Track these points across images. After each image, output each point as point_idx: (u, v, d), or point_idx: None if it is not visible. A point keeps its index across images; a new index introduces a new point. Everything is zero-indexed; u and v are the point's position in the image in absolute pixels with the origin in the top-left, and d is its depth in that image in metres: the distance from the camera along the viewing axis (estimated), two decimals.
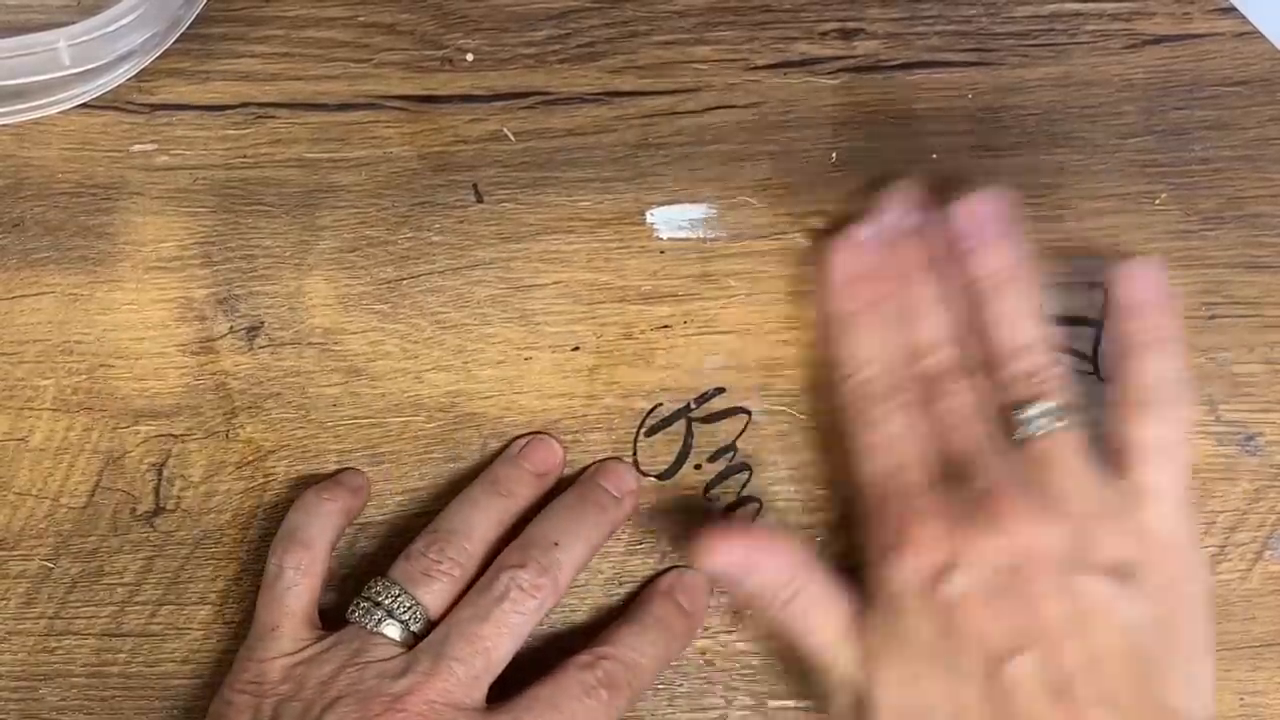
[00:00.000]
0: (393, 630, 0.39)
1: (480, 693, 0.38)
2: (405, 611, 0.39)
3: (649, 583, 0.42)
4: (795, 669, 0.41)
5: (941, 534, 0.37)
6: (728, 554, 0.39)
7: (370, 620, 0.39)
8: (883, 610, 0.38)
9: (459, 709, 0.37)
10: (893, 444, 0.39)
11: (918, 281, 0.41)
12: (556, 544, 0.40)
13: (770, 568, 0.39)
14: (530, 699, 0.38)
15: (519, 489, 0.42)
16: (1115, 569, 0.37)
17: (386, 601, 0.39)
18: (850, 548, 0.43)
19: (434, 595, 0.40)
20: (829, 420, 0.42)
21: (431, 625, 0.39)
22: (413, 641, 0.39)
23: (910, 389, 0.40)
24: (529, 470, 0.42)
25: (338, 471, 0.43)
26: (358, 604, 0.40)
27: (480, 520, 0.41)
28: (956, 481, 0.38)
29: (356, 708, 0.37)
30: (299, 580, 0.40)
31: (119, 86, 0.44)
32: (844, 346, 0.41)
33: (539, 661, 0.40)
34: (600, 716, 0.39)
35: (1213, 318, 0.44)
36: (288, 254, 0.44)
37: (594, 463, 0.43)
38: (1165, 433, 0.39)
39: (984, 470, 0.38)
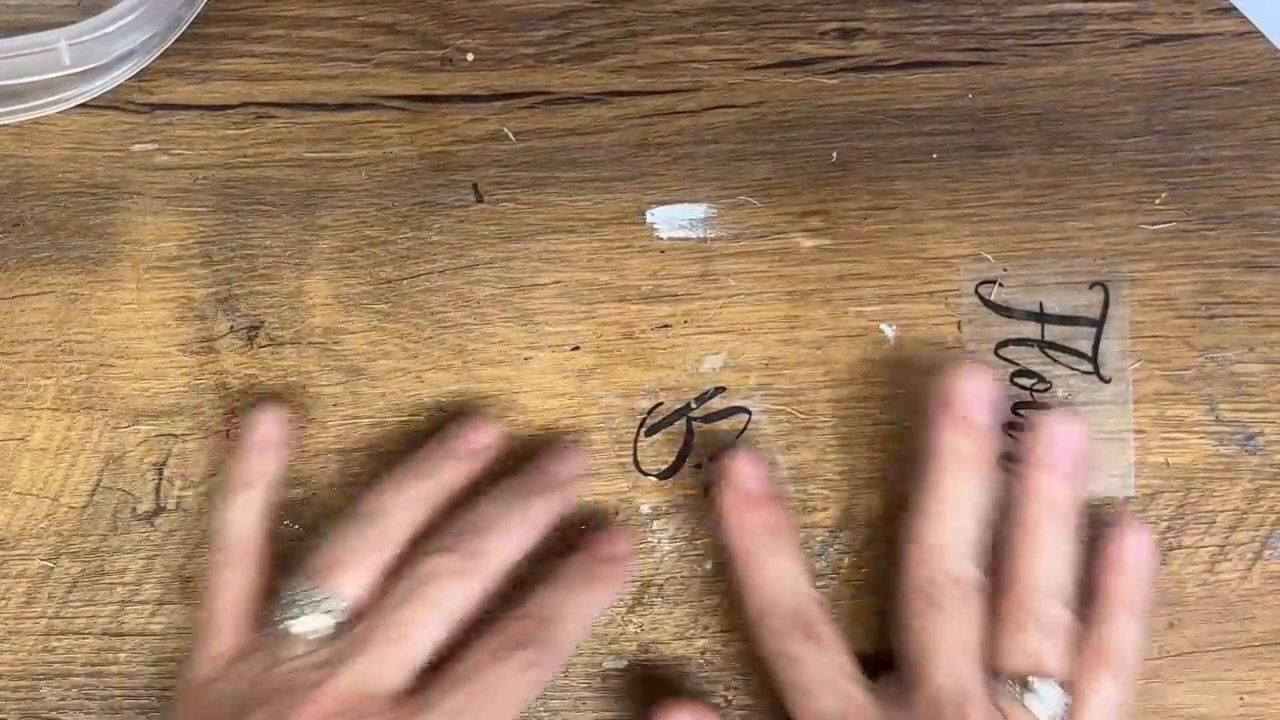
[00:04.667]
0: (311, 623, 0.38)
1: (400, 678, 0.37)
2: (320, 604, 0.38)
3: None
4: None
5: None
6: None
7: (287, 617, 0.38)
8: None
9: (372, 697, 0.36)
10: (837, 679, 0.39)
11: (975, 475, 0.40)
12: (487, 532, 0.39)
13: None
14: (444, 677, 0.37)
15: (444, 470, 0.40)
16: None
17: (300, 598, 0.38)
18: (849, 546, 0.43)
19: (351, 583, 0.38)
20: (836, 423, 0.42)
21: (357, 613, 0.38)
22: (336, 633, 0.38)
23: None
24: (458, 450, 0.41)
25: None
26: (277, 602, 0.38)
27: (399, 504, 0.40)
28: (924, 708, 0.38)
29: (272, 706, 0.36)
30: (230, 578, 0.39)
31: (119, 86, 0.44)
32: (757, 577, 0.40)
33: None
34: (518, 680, 0.37)
35: (1213, 317, 0.44)
36: (288, 254, 0.44)
37: (545, 445, 0.42)
38: (1116, 694, 0.39)
39: (966, 715, 0.38)
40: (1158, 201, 0.44)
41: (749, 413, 0.43)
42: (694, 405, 0.43)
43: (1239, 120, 0.45)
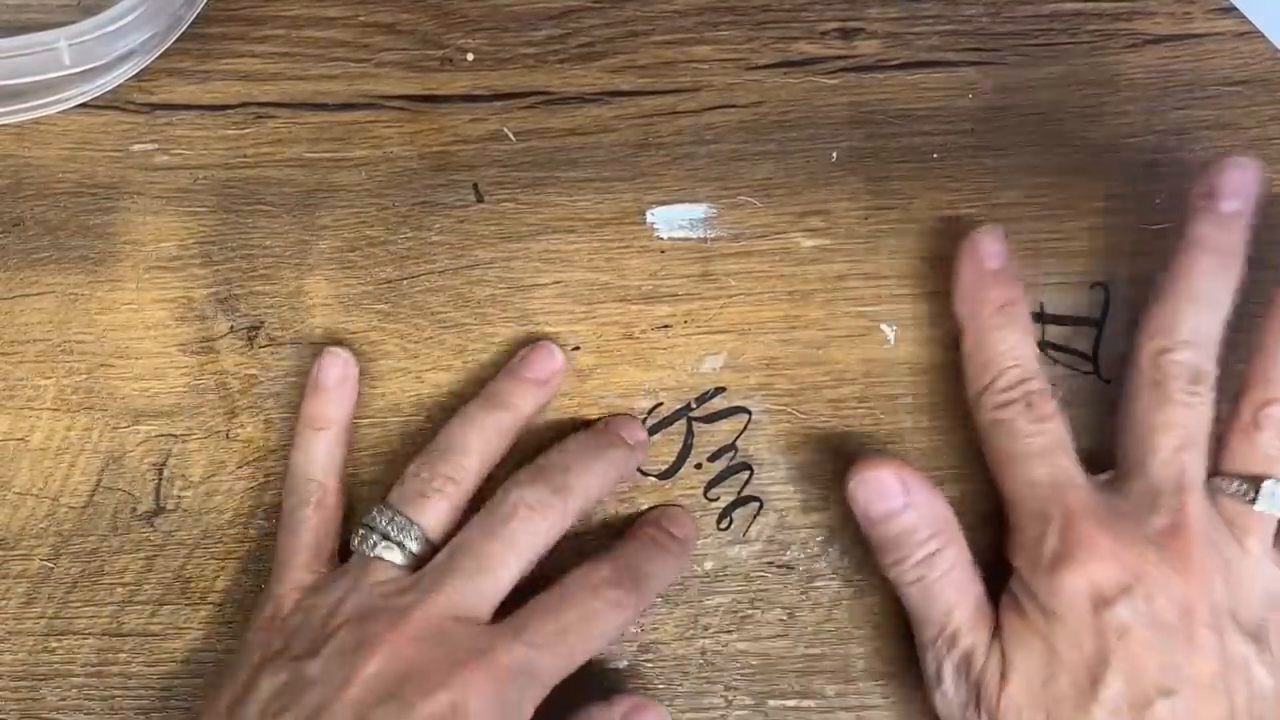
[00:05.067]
0: (392, 554, 0.39)
1: (485, 610, 0.38)
2: (401, 533, 0.39)
3: (637, 517, 0.43)
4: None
5: (1125, 556, 0.37)
6: (885, 484, 0.39)
7: (368, 545, 0.39)
8: (1034, 612, 0.37)
9: (462, 622, 0.37)
10: (1055, 451, 0.39)
11: (1226, 272, 0.39)
12: (569, 469, 0.40)
13: (924, 513, 0.39)
14: (533, 607, 0.38)
15: (518, 400, 0.41)
16: (1255, 633, 0.37)
17: (382, 525, 0.39)
18: (849, 546, 0.43)
19: (431, 515, 0.39)
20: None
21: (432, 545, 0.39)
22: (414, 563, 0.39)
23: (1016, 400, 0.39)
24: (528, 379, 0.42)
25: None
26: (357, 531, 0.40)
27: (475, 435, 0.41)
28: (1139, 497, 0.38)
29: (359, 627, 0.37)
30: (309, 515, 0.40)
31: (119, 86, 0.44)
32: (987, 350, 0.40)
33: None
34: (609, 616, 0.38)
35: None
36: (288, 254, 0.44)
37: (604, 416, 0.43)
38: None
39: (1184, 504, 0.37)
40: (1158, 201, 0.44)
41: (749, 413, 0.43)
42: (694, 405, 0.43)
43: (1239, 120, 0.45)
